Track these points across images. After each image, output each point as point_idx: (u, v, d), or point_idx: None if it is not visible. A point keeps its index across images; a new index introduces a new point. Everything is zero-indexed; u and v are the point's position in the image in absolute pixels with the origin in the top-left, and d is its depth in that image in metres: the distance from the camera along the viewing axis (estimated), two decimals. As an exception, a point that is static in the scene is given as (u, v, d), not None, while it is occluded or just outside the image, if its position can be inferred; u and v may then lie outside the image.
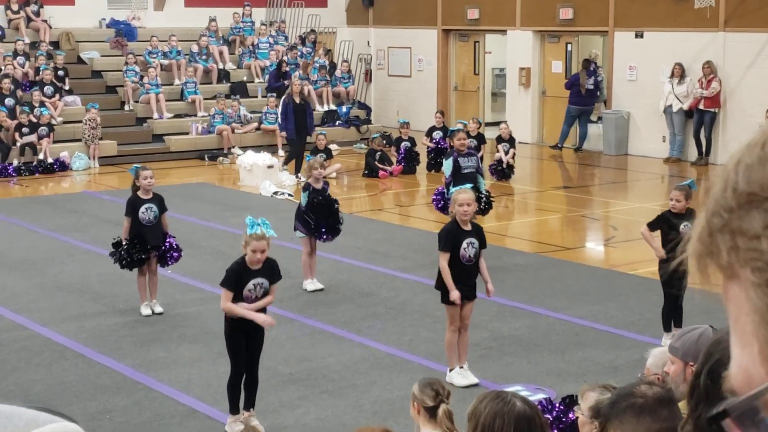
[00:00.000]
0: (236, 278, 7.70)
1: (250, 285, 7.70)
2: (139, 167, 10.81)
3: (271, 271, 7.85)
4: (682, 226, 9.27)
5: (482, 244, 8.70)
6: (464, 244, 8.54)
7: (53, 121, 21.15)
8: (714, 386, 2.08)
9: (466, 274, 8.60)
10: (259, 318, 7.64)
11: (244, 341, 7.75)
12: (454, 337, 8.73)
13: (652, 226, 9.47)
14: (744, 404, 0.86)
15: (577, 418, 4.55)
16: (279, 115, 19.69)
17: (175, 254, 10.73)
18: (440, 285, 8.66)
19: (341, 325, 10.35)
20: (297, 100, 18.92)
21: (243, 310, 7.61)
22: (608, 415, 3.44)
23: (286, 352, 9.48)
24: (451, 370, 8.72)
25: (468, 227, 8.59)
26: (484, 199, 13.37)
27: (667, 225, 9.32)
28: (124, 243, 10.51)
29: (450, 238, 8.55)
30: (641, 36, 21.68)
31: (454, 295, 8.41)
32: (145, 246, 10.50)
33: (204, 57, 24.45)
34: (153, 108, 22.61)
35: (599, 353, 9.42)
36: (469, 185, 9.66)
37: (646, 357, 5.16)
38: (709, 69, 20.19)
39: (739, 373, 0.88)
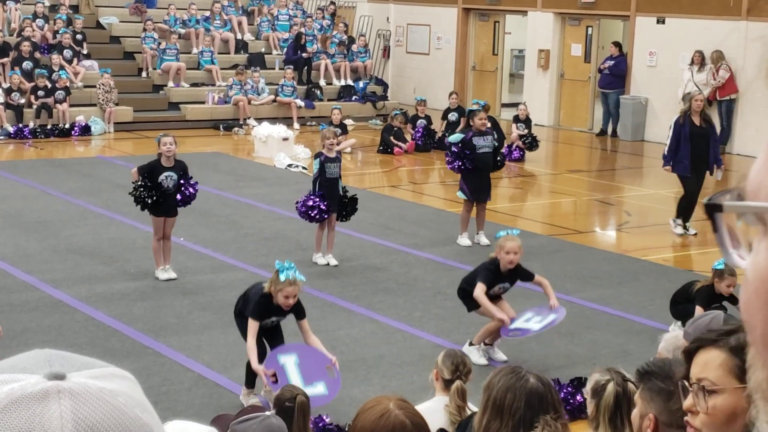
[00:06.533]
0: (263, 311, 7.60)
1: (271, 318, 7.70)
2: (162, 135, 10.82)
3: (296, 309, 7.75)
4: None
5: (522, 278, 8.76)
6: (496, 288, 8.65)
7: (73, 85, 21.16)
8: None
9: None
10: (259, 370, 7.43)
11: (261, 333, 7.72)
12: (497, 328, 8.68)
13: (703, 304, 8.75)
14: (740, 209, 0.85)
15: (584, 399, 4.57)
16: (667, 142, 13.61)
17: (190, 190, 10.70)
18: (463, 295, 8.72)
19: (352, 299, 10.35)
20: (697, 121, 13.27)
21: (252, 361, 7.46)
22: (639, 383, 3.44)
23: (295, 324, 9.46)
24: (471, 344, 8.70)
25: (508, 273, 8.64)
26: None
27: (708, 301, 8.86)
28: (139, 183, 10.49)
29: (491, 278, 8.53)
30: (663, 22, 21.54)
31: (505, 318, 8.44)
32: (158, 189, 10.51)
33: (219, 22, 24.32)
34: (172, 76, 22.55)
35: (610, 337, 9.40)
36: (516, 231, 9.21)
37: (659, 341, 5.16)
38: (717, 57, 20.11)
39: (754, 180, 0.85)
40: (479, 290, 8.46)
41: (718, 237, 0.88)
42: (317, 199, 11.23)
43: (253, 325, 7.53)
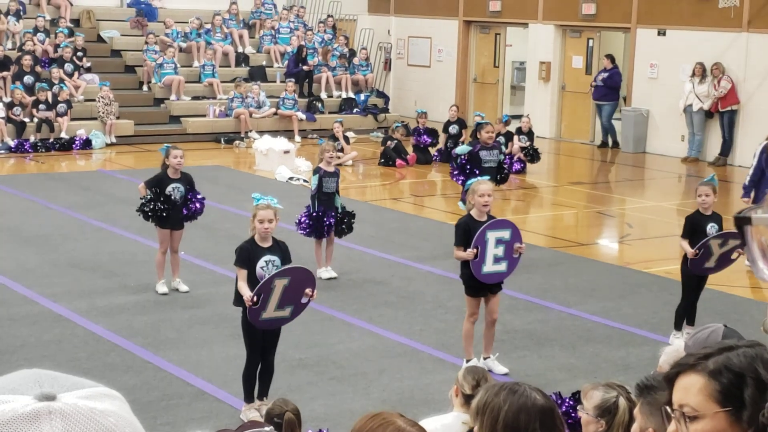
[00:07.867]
0: (246, 255, 7.68)
1: (262, 262, 7.67)
2: (170, 146, 10.83)
3: (281, 250, 7.82)
4: (708, 227, 9.25)
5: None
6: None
7: (73, 99, 21.17)
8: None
9: None
10: (246, 293, 7.53)
11: (260, 331, 7.71)
12: (471, 328, 8.65)
13: (686, 234, 9.40)
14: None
15: (580, 417, 4.49)
16: (750, 171, 12.47)
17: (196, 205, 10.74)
18: (464, 276, 8.61)
19: (352, 312, 10.32)
20: None
21: (243, 292, 7.56)
22: (639, 397, 3.41)
23: (296, 337, 9.44)
24: (467, 361, 8.55)
25: (484, 218, 8.52)
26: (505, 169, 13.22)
27: (695, 227, 9.29)
28: (147, 197, 10.54)
29: (466, 232, 8.47)
30: (664, 34, 21.55)
31: (470, 252, 8.34)
32: (168, 201, 10.56)
33: (220, 35, 24.33)
34: (174, 90, 22.58)
35: (611, 350, 9.36)
36: (487, 177, 9.54)
37: (660, 355, 5.13)
38: (718, 69, 20.13)
39: None
40: (457, 252, 8.49)
41: (747, 250, 0.88)
42: (312, 215, 11.33)
43: (241, 273, 7.65)
